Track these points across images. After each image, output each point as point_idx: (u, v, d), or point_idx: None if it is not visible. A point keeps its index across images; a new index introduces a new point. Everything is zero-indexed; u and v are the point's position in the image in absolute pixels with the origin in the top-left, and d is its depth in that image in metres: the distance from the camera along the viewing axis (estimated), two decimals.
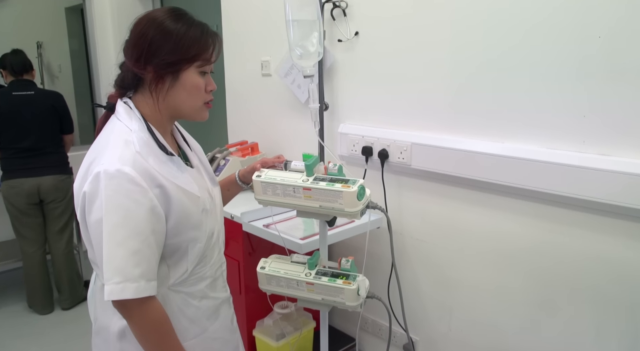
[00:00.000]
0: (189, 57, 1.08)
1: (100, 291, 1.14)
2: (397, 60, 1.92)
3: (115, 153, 1.02)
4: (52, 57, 4.96)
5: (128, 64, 1.09)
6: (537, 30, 1.53)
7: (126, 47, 1.10)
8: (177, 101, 1.12)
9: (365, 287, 1.31)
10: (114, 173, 0.99)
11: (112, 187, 0.99)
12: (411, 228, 2.00)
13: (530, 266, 1.67)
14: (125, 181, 1.00)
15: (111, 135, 1.07)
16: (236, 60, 2.75)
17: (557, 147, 1.54)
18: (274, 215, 2.01)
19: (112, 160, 1.01)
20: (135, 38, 1.08)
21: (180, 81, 1.09)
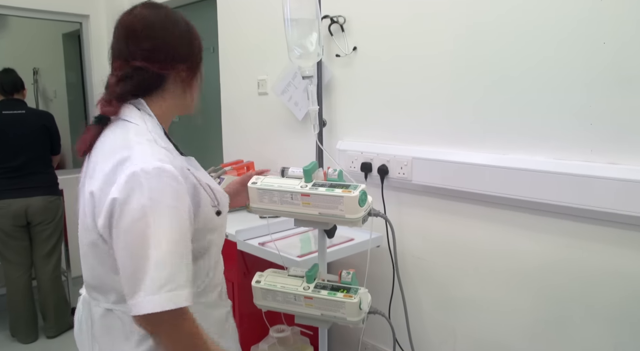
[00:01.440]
0: (201, 49, 1.12)
1: (104, 319, 1.03)
2: (396, 74, 1.89)
3: (145, 150, 0.94)
4: (48, 83, 4.93)
5: (150, 66, 1.02)
6: (539, 39, 1.50)
7: (146, 49, 1.02)
8: (196, 93, 1.13)
9: (368, 301, 1.22)
10: (153, 171, 0.91)
11: (154, 186, 0.90)
12: (412, 247, 1.93)
13: (540, 283, 1.59)
14: (168, 178, 0.92)
15: (128, 134, 0.98)
16: (232, 79, 2.72)
17: (564, 157, 1.49)
18: (271, 233, 1.93)
19: (145, 157, 0.92)
20: (161, 39, 1.03)
21: (201, 74, 1.13)
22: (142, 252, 0.89)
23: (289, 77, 2.26)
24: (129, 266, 0.91)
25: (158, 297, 0.88)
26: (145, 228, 0.89)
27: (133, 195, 0.89)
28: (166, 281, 0.88)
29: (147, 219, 0.89)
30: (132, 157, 0.93)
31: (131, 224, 0.89)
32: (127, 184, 0.90)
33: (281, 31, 2.29)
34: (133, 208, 0.89)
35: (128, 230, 0.90)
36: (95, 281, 1.03)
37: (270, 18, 2.40)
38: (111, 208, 0.91)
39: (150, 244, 0.89)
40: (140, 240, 0.89)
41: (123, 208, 0.89)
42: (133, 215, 0.89)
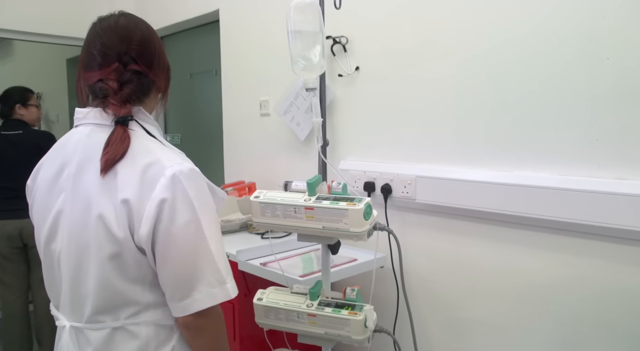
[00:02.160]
0: None
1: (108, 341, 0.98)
2: (399, 94, 1.89)
3: (168, 153, 0.98)
4: (51, 107, 4.98)
5: (147, 71, 1.04)
6: (542, 55, 1.50)
7: (142, 53, 1.03)
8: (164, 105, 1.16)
9: (373, 319, 1.19)
10: (189, 172, 0.95)
11: (194, 186, 0.95)
12: (417, 268, 1.89)
13: (546, 303, 1.55)
14: (201, 179, 0.98)
15: (139, 140, 0.99)
16: (234, 101, 2.73)
17: (570, 174, 1.47)
18: (274, 253, 1.89)
19: (175, 160, 0.96)
20: (147, 44, 1.05)
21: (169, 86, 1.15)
22: (203, 249, 0.94)
23: (291, 98, 2.26)
24: (187, 265, 0.94)
25: (220, 289, 0.96)
26: (199, 227, 0.93)
27: (179, 196, 0.92)
28: (226, 273, 0.97)
29: (199, 218, 0.93)
30: (161, 160, 0.95)
31: (185, 225, 0.93)
32: (171, 186, 0.92)
33: (283, 53, 2.32)
34: (183, 209, 0.92)
35: (183, 231, 0.93)
36: (107, 301, 0.97)
37: (273, 39, 2.42)
38: (159, 210, 0.92)
39: (208, 242, 0.95)
40: (197, 238, 0.94)
41: (174, 210, 0.92)
42: (185, 217, 0.93)
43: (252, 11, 2.54)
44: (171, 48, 3.54)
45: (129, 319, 0.99)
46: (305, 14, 1.15)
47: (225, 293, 0.97)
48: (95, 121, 1.00)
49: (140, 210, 0.92)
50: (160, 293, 0.99)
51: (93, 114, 1.01)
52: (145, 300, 0.99)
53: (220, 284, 0.96)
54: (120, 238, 0.93)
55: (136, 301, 0.98)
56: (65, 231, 0.98)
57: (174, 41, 3.49)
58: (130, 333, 0.99)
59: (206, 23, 3.07)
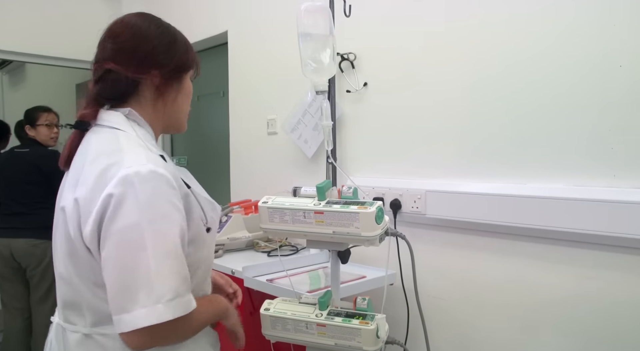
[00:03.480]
0: (189, 61, 1.06)
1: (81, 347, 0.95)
2: (408, 108, 1.87)
3: (139, 154, 0.90)
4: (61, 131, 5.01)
5: (122, 70, 0.96)
6: (554, 63, 1.48)
7: (118, 51, 0.98)
8: (178, 108, 1.07)
9: (385, 329, 1.14)
10: (147, 174, 0.86)
11: (148, 190, 0.85)
12: (428, 285, 1.83)
13: (560, 318, 1.49)
14: (162, 183, 0.87)
15: (118, 140, 0.93)
16: (241, 121, 2.74)
17: (586, 184, 1.43)
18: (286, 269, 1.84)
19: (139, 161, 0.88)
20: (135, 40, 0.98)
21: (182, 86, 1.06)
22: (139, 260, 0.83)
23: (299, 115, 2.26)
24: (122, 276, 0.84)
25: (151, 310, 0.83)
26: (141, 234, 0.83)
27: (127, 197, 0.84)
28: (164, 291, 0.84)
29: (142, 224, 0.84)
30: (124, 160, 0.88)
31: (125, 228, 0.84)
32: (120, 186, 0.84)
33: (291, 71, 2.33)
34: (127, 209, 0.83)
35: (121, 235, 0.84)
36: (72, 296, 0.95)
37: (281, 58, 2.43)
38: (104, 207, 0.84)
39: (148, 254, 0.83)
40: (135, 246, 0.83)
41: (117, 208, 0.84)
42: (127, 219, 0.84)
43: (260, 31, 2.57)
44: None
45: (96, 327, 0.93)
46: (315, 17, 1.14)
47: (155, 314, 0.83)
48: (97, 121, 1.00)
49: (89, 208, 0.87)
50: None
51: None
52: (109, 309, 0.90)
53: (152, 303, 0.83)
54: (72, 235, 0.89)
55: (99, 309, 0.92)
56: (54, 224, 0.99)
57: None
58: (98, 343, 0.93)
59: (214, 46, 3.11)
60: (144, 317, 0.82)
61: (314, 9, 1.15)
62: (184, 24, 3.16)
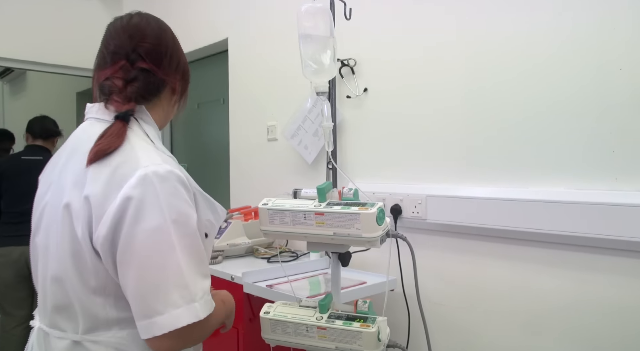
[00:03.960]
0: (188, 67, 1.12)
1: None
2: (408, 113, 1.87)
3: (152, 154, 0.90)
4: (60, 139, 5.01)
5: (157, 70, 1.00)
6: (554, 67, 1.49)
7: (152, 51, 1.00)
8: (174, 111, 1.11)
9: (387, 332, 1.12)
10: (165, 174, 0.86)
11: (169, 190, 0.85)
12: (429, 291, 1.82)
13: (565, 324, 1.47)
14: (179, 184, 0.88)
15: (130, 138, 0.92)
16: (241, 128, 2.74)
17: (587, 187, 1.43)
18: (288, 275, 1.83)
19: (154, 160, 0.87)
20: (157, 42, 1.01)
21: (187, 91, 1.12)
22: (169, 261, 0.84)
23: (299, 121, 2.26)
24: (149, 278, 0.83)
25: (187, 309, 0.83)
26: (168, 234, 0.83)
27: (148, 198, 0.83)
28: (196, 292, 0.86)
29: (168, 224, 0.83)
30: (139, 159, 0.87)
31: (151, 230, 0.83)
32: (141, 186, 0.83)
33: (292, 77, 2.33)
34: (150, 211, 0.83)
35: (148, 236, 0.83)
36: (65, 299, 0.90)
37: (281, 64, 2.44)
38: (122, 210, 0.82)
39: (177, 253, 0.84)
40: (164, 247, 0.83)
41: (139, 210, 0.82)
42: (152, 220, 0.83)
43: (261, 39, 2.57)
44: None
45: (87, 334, 0.90)
46: (315, 19, 1.14)
47: (192, 313, 0.84)
48: (96, 115, 0.98)
49: (102, 208, 0.84)
50: (126, 313, 0.88)
51: (96, 109, 0.98)
52: (105, 315, 0.89)
53: (187, 303, 0.83)
54: (78, 235, 0.86)
55: (95, 314, 0.89)
56: (45, 222, 0.95)
57: None
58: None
59: (214, 53, 3.12)
60: (182, 317, 0.83)
61: (315, 11, 1.15)
62: (185, 32, 3.19)
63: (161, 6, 3.37)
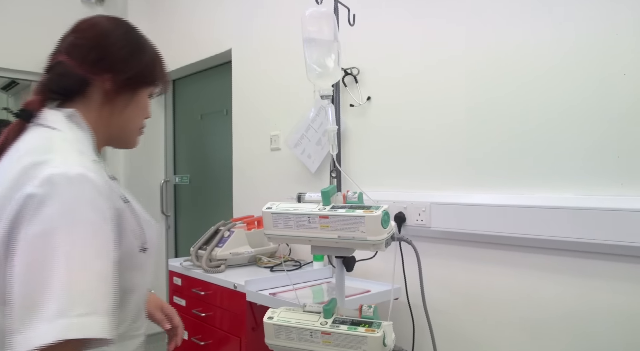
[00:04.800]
0: (152, 77, 1.01)
1: None
2: (411, 121, 1.87)
3: (70, 156, 0.82)
4: None
5: (74, 65, 0.91)
6: (557, 73, 1.49)
7: (75, 46, 0.92)
8: (125, 121, 0.99)
9: (392, 337, 1.10)
10: (75, 177, 0.77)
11: (74, 194, 0.76)
12: (433, 299, 1.80)
13: (572, 332, 1.45)
14: (91, 188, 0.78)
15: (52, 140, 0.85)
16: (245, 137, 2.74)
17: (593, 193, 1.42)
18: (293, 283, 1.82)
19: (69, 162, 0.79)
20: (96, 38, 0.93)
21: (136, 99, 0.99)
22: (48, 268, 0.71)
23: (302, 130, 2.26)
24: (28, 285, 0.71)
25: (63, 323, 0.69)
26: (59, 240, 0.73)
27: (50, 198, 0.74)
28: (73, 303, 0.71)
29: (62, 229, 0.74)
30: (51, 160, 0.79)
31: (42, 233, 0.73)
32: (44, 186, 0.75)
33: (295, 87, 2.34)
34: (48, 212, 0.73)
35: (37, 240, 0.73)
36: None
37: (284, 75, 2.45)
38: (21, 208, 0.74)
39: (58, 257, 0.72)
40: (48, 252, 0.72)
41: (37, 210, 0.74)
42: (47, 222, 0.73)
43: (264, 49, 2.59)
44: (183, 90, 3.60)
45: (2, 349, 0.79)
46: (320, 23, 1.15)
47: (58, 330, 0.68)
48: None
49: (3, 208, 0.77)
50: None
51: None
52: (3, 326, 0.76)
53: (60, 316, 0.69)
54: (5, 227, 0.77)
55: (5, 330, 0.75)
56: None
57: (185, 84, 3.55)
58: None
59: (217, 65, 3.14)
60: (46, 333, 0.68)
61: (319, 15, 1.16)
62: (189, 43, 3.21)
63: (165, 17, 3.41)
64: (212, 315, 2.01)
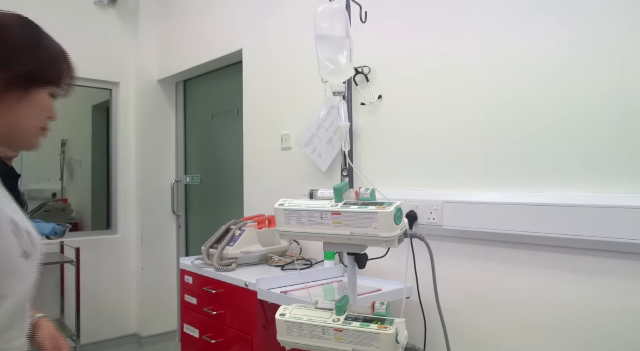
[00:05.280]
0: (51, 76, 0.94)
1: None
2: (423, 120, 1.87)
3: None
4: (75, 153, 5.07)
5: None
6: (572, 70, 1.47)
7: None
8: (18, 119, 0.91)
9: (405, 334, 1.10)
10: None
11: None
12: (445, 299, 1.76)
13: (591, 333, 1.44)
14: None
15: None
16: (255, 137, 2.74)
17: (607, 191, 1.40)
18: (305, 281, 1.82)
19: None
20: None
21: (29, 98, 0.91)
22: None
23: (313, 129, 2.26)
24: None
25: None
26: None
27: None
28: None
29: None
30: None
31: None
32: None
33: (305, 86, 2.35)
34: None
35: None
36: None
37: (295, 74, 2.45)
38: None
39: None
40: None
41: None
42: None
43: (275, 48, 2.60)
44: (194, 90, 3.62)
45: None
46: (332, 20, 1.15)
47: None
48: None
49: None
50: None
51: None
52: None
53: None
54: None
55: None
56: None
57: (196, 84, 3.57)
58: None
59: (228, 65, 3.15)
60: None
61: (331, 12, 1.16)
62: (200, 43, 3.22)
63: (177, 18, 3.43)
64: (223, 313, 2.01)
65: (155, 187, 3.70)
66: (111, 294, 3.62)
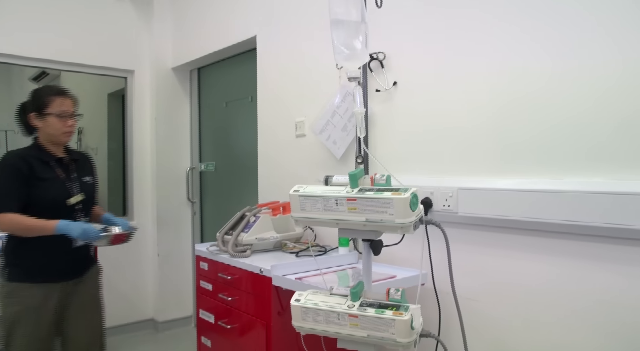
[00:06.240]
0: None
1: None
2: (438, 105, 1.85)
3: None
4: (91, 141, 5.12)
5: None
6: (587, 55, 1.44)
7: None
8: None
9: (420, 321, 1.10)
10: None
11: None
12: (460, 287, 1.77)
13: (612, 322, 1.42)
14: None
15: None
16: (270, 124, 2.74)
17: (625, 178, 1.38)
18: (321, 268, 1.82)
19: None
20: None
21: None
22: None
23: (327, 116, 2.25)
24: None
25: None
26: None
27: None
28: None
29: None
30: None
31: None
32: None
33: (320, 73, 2.33)
34: None
35: None
36: None
37: (310, 61, 2.44)
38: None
39: None
40: None
41: None
42: None
43: (289, 35, 2.58)
44: (208, 78, 3.62)
45: None
46: (347, 5, 1.13)
47: None
48: None
49: None
50: None
51: None
52: None
53: None
54: None
55: None
56: None
57: (210, 71, 3.57)
58: None
59: (242, 52, 3.14)
60: None
61: None
62: (214, 30, 3.22)
63: (191, 6, 3.42)
64: (238, 299, 2.03)
65: (171, 175, 3.72)
66: (128, 280, 3.67)
